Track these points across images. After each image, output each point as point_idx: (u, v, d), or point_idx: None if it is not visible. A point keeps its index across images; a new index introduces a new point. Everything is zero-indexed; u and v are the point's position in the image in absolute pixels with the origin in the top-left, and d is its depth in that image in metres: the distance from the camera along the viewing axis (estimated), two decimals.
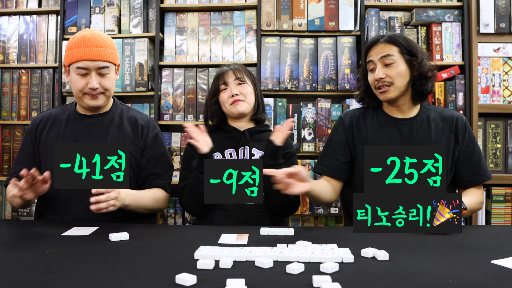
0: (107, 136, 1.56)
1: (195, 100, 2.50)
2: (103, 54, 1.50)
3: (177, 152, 2.49)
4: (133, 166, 1.58)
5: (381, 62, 1.53)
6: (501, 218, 2.33)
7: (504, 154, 2.39)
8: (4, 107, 2.61)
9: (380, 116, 1.62)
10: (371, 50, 1.58)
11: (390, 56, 1.52)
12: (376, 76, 1.53)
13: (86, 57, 1.48)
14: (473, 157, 1.57)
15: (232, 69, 1.68)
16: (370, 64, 1.57)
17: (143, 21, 2.54)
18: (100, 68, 1.50)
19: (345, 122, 1.66)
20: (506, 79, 2.39)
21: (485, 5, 2.37)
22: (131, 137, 1.59)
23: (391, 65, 1.52)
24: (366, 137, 1.60)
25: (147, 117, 1.68)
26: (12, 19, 2.64)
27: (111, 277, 0.89)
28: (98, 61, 1.49)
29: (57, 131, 1.58)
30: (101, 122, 1.59)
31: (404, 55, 1.53)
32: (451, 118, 1.58)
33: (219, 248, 1.05)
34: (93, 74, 1.49)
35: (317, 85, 2.45)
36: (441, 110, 1.63)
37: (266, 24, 2.46)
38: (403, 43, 1.53)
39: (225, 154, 1.62)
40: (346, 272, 0.91)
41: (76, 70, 1.49)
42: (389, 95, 1.54)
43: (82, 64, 1.48)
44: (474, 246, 1.12)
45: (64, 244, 1.15)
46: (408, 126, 1.57)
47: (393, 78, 1.52)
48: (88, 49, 1.48)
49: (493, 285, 0.84)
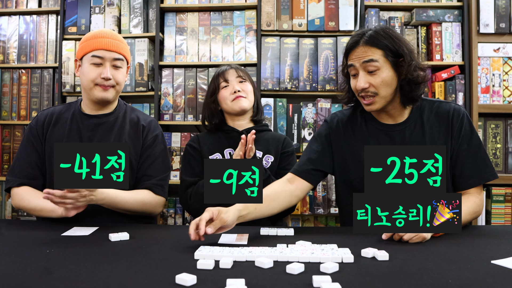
0: (110, 136, 1.56)
1: (195, 100, 2.50)
2: (119, 47, 1.54)
3: (177, 152, 2.49)
4: (133, 167, 1.57)
5: (363, 68, 1.35)
6: (501, 218, 2.33)
7: (504, 154, 2.39)
8: (4, 107, 2.61)
9: (369, 122, 1.47)
10: (352, 53, 1.38)
11: (373, 62, 1.33)
12: (358, 87, 1.36)
13: (103, 46, 1.50)
14: (468, 155, 1.38)
15: (233, 68, 1.69)
16: (352, 69, 1.39)
17: (143, 21, 2.54)
18: (115, 59, 1.52)
19: (332, 127, 1.51)
20: (506, 79, 2.39)
21: (485, 5, 2.37)
22: (132, 138, 1.59)
23: (375, 73, 1.34)
24: (356, 147, 1.45)
25: (150, 118, 1.67)
26: (12, 19, 2.64)
27: (111, 277, 0.89)
28: (114, 52, 1.52)
29: (62, 130, 1.57)
30: (105, 122, 1.58)
31: (388, 57, 1.33)
32: (447, 112, 1.41)
33: (219, 248, 1.05)
34: (108, 64, 1.51)
35: (317, 85, 2.45)
36: (437, 105, 1.44)
37: (266, 24, 2.46)
38: (387, 43, 1.33)
39: (224, 154, 1.62)
40: (346, 272, 0.91)
41: (91, 59, 1.51)
42: (374, 107, 1.37)
43: (98, 53, 1.50)
44: (474, 246, 1.12)
45: (64, 244, 1.15)
46: (400, 132, 1.42)
47: (377, 87, 1.34)
48: (105, 40, 1.51)
49: (493, 285, 0.84)
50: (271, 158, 1.65)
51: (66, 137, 1.56)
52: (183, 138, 2.49)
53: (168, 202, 2.48)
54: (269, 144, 1.67)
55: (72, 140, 1.55)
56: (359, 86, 1.35)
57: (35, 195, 1.48)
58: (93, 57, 1.51)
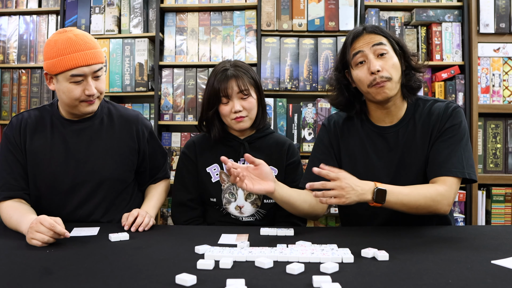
0: (99, 141, 1.48)
1: (195, 100, 2.50)
2: (96, 56, 1.37)
3: (177, 152, 2.49)
4: (130, 167, 1.54)
5: (374, 52, 1.31)
6: (501, 218, 2.33)
7: (504, 154, 2.39)
8: (4, 107, 2.61)
9: (365, 124, 1.44)
10: (357, 41, 1.34)
11: (383, 45, 1.32)
12: (373, 68, 1.29)
13: (81, 63, 1.33)
14: (447, 146, 1.31)
15: (234, 77, 1.47)
16: (358, 56, 1.33)
17: (143, 21, 2.54)
18: (96, 71, 1.37)
19: (329, 129, 1.49)
20: (506, 79, 2.39)
21: (485, 5, 2.37)
22: (125, 140, 1.52)
23: (385, 56, 1.31)
24: (353, 150, 1.44)
25: (135, 114, 1.58)
26: (12, 19, 2.64)
27: (111, 277, 0.89)
28: (93, 65, 1.36)
29: (43, 139, 1.45)
30: (91, 126, 1.48)
31: (392, 45, 1.34)
32: (438, 110, 1.36)
33: (219, 248, 1.05)
34: (89, 79, 1.36)
35: (317, 85, 2.45)
36: (431, 103, 1.40)
37: (266, 24, 2.46)
38: (389, 33, 1.35)
39: (223, 165, 1.54)
40: (346, 272, 0.91)
41: (71, 78, 1.34)
42: (390, 93, 1.32)
43: (77, 71, 1.33)
44: (474, 246, 1.12)
45: (64, 244, 1.15)
46: (394, 134, 1.39)
47: (389, 70, 1.31)
48: (81, 54, 1.34)
49: (493, 285, 0.84)
50: (275, 171, 1.54)
51: (50, 146, 1.44)
52: (183, 138, 2.49)
53: (168, 202, 2.48)
54: (272, 153, 1.56)
55: (58, 148, 1.44)
56: (373, 68, 1.29)
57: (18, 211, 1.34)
58: (73, 76, 1.34)
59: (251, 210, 1.52)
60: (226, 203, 1.51)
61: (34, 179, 1.44)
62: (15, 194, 1.41)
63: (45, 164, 1.43)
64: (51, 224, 1.13)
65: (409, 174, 1.37)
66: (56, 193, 1.44)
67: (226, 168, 1.25)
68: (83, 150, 1.46)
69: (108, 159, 1.47)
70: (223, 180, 1.52)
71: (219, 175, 1.53)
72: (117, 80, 2.51)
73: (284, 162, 1.56)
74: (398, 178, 1.36)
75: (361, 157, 1.42)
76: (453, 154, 1.30)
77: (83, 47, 1.35)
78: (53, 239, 1.14)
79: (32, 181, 1.44)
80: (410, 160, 1.37)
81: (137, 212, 1.36)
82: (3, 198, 1.39)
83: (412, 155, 1.37)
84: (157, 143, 1.65)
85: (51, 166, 1.43)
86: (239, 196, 1.50)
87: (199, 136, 1.62)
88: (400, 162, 1.38)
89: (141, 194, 1.65)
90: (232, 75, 1.47)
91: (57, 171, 1.43)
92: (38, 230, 1.13)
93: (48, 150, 1.44)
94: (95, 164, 1.45)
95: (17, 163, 1.43)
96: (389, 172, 1.38)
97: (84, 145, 1.46)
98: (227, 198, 1.51)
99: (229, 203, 1.51)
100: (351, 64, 1.36)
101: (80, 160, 1.44)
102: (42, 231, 1.13)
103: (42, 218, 1.15)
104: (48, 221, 1.14)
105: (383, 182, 1.25)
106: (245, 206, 1.50)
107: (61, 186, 1.43)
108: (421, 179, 1.35)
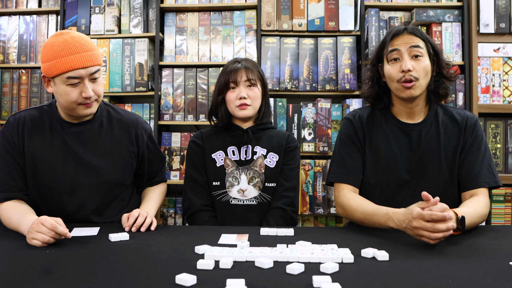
0: (99, 144, 1.48)
1: (195, 100, 2.50)
2: (93, 58, 1.37)
3: (177, 152, 2.49)
4: (129, 170, 1.54)
5: (409, 53, 1.40)
6: (501, 218, 2.33)
7: (504, 154, 2.39)
8: (4, 107, 2.61)
9: (389, 120, 1.50)
10: (396, 39, 1.43)
11: (419, 48, 1.40)
12: (405, 67, 1.38)
13: (77, 65, 1.33)
14: (475, 159, 1.41)
15: (244, 68, 1.62)
16: (394, 53, 1.42)
17: (143, 21, 2.54)
18: (93, 73, 1.37)
19: (355, 123, 1.52)
20: (506, 79, 2.39)
21: (485, 5, 2.37)
22: (125, 143, 1.52)
23: (419, 58, 1.40)
24: (377, 144, 1.48)
25: (135, 118, 1.59)
26: (12, 19, 2.64)
27: (111, 277, 0.89)
28: (90, 67, 1.35)
29: (41, 140, 1.44)
30: (90, 129, 1.48)
31: (429, 49, 1.41)
32: (462, 118, 1.46)
33: (219, 248, 1.05)
34: (86, 82, 1.36)
35: (317, 85, 2.45)
36: (452, 110, 1.50)
37: (266, 24, 2.46)
38: (428, 38, 1.43)
39: (227, 152, 1.62)
40: (346, 272, 0.91)
41: (67, 80, 1.34)
42: (415, 93, 1.40)
43: (74, 73, 1.33)
44: (474, 247, 1.12)
45: (64, 244, 1.15)
46: (417, 132, 1.46)
47: (419, 73, 1.39)
48: (77, 56, 1.34)
49: (493, 285, 0.84)
50: (276, 157, 1.63)
51: (49, 148, 1.44)
52: (183, 138, 2.49)
53: (168, 202, 2.48)
54: (273, 141, 1.65)
55: (57, 151, 1.44)
56: (405, 67, 1.38)
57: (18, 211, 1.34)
58: (69, 78, 1.34)
59: (254, 193, 1.60)
60: (229, 186, 1.60)
61: (32, 180, 1.44)
62: (14, 195, 1.41)
63: (44, 165, 1.43)
64: (53, 225, 1.13)
65: (429, 173, 1.43)
66: (55, 194, 1.44)
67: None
68: (82, 152, 1.45)
69: (107, 162, 1.47)
70: (227, 165, 1.62)
71: (224, 161, 1.62)
72: (117, 80, 2.51)
73: (283, 147, 1.66)
74: (418, 175, 1.43)
75: (383, 151, 1.48)
76: (484, 165, 1.41)
77: (79, 49, 1.35)
78: (53, 240, 1.14)
79: (31, 182, 1.44)
80: (431, 160, 1.43)
81: (138, 213, 1.36)
82: (2, 199, 1.39)
83: (434, 155, 1.44)
84: (156, 147, 1.65)
85: (50, 168, 1.43)
86: (242, 180, 1.60)
87: (205, 129, 1.74)
88: (421, 160, 1.44)
89: (140, 196, 1.66)
90: (243, 66, 1.64)
91: (56, 173, 1.43)
92: (39, 230, 1.14)
93: (47, 152, 1.44)
94: (94, 166, 1.45)
95: (15, 164, 1.43)
96: (409, 168, 1.44)
97: (83, 148, 1.46)
98: (230, 181, 1.60)
99: (232, 186, 1.60)
100: (386, 58, 1.44)
101: (79, 163, 1.44)
102: (43, 232, 1.13)
103: (44, 219, 1.16)
104: (50, 221, 1.14)
105: (403, 177, 1.41)
106: (248, 189, 1.60)
107: (60, 188, 1.43)
108: (440, 180, 1.43)
